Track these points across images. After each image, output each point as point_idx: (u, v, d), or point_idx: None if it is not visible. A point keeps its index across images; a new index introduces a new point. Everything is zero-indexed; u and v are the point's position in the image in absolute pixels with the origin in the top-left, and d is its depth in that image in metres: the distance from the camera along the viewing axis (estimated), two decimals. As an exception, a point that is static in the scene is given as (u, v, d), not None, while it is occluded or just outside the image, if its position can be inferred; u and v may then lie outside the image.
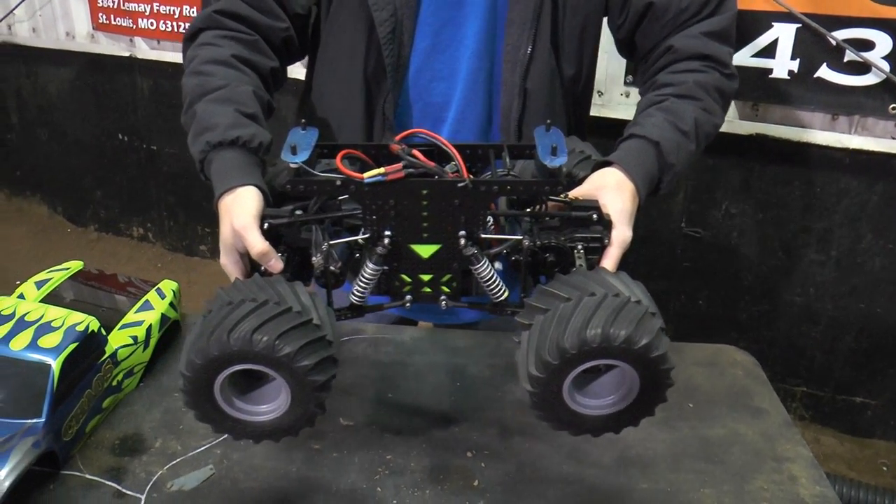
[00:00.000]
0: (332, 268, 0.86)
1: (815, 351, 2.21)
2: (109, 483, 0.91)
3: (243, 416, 0.82)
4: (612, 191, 0.93)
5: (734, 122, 2.00)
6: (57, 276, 1.13)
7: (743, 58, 1.89)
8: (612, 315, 0.74)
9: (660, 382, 0.78)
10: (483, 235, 0.87)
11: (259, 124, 1.00)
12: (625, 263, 0.89)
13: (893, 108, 1.85)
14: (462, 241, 0.85)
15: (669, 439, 1.02)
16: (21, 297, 1.06)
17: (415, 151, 0.85)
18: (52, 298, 1.07)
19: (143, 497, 0.89)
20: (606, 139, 1.10)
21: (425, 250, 0.88)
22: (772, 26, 1.84)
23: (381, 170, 0.82)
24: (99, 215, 3.49)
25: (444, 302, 0.91)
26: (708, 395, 1.11)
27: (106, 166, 3.33)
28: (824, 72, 1.85)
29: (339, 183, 0.83)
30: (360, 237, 0.87)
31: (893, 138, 1.92)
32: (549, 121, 0.89)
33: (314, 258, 0.85)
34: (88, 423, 0.97)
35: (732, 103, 1.99)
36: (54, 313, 0.98)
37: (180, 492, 0.90)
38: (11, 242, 3.40)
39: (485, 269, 0.87)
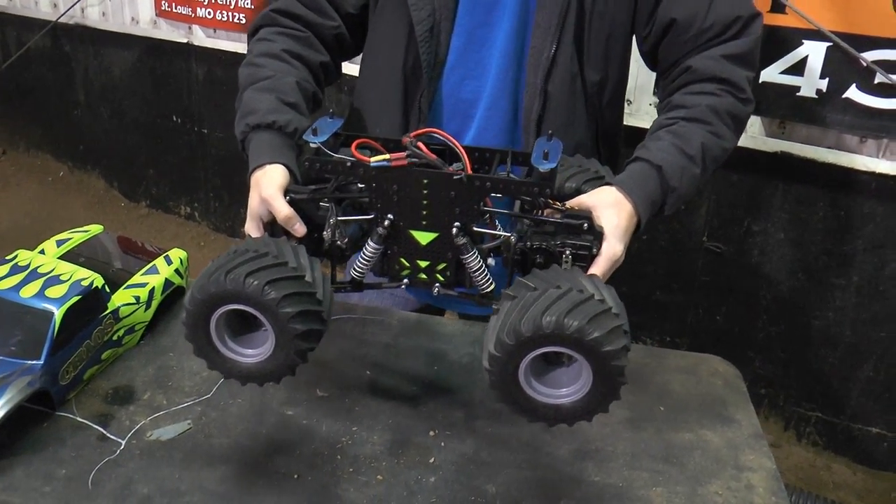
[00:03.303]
0: (338, 243, 0.95)
1: (831, 377, 2.17)
2: (96, 427, 0.99)
3: (232, 356, 0.90)
4: (609, 207, 0.97)
5: (759, 139, 1.99)
6: (77, 236, 1.23)
7: (771, 74, 1.88)
8: (569, 307, 0.79)
9: (612, 379, 0.81)
10: (475, 228, 0.93)
11: (298, 112, 1.11)
12: (643, 273, 0.92)
13: (925, 134, 1.81)
14: (454, 231, 0.91)
15: (632, 438, 1.04)
16: (42, 252, 1.16)
17: (420, 144, 0.91)
18: (69, 256, 1.16)
19: (123, 442, 0.96)
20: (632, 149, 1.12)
21: (424, 237, 0.94)
22: (801, 44, 1.82)
23: (387, 156, 0.90)
24: (150, 192, 3.65)
25: (437, 289, 0.97)
26: (681, 401, 1.13)
27: (159, 146, 3.49)
28: (853, 93, 1.82)
29: (349, 164, 0.92)
30: (365, 217, 0.95)
31: (925, 165, 1.88)
32: (550, 132, 0.94)
33: (325, 232, 0.94)
34: (86, 372, 1.05)
35: (759, 120, 1.98)
36: (64, 268, 1.07)
37: (157, 441, 0.97)
38: (70, 212, 3.59)
39: (474, 261, 0.93)
